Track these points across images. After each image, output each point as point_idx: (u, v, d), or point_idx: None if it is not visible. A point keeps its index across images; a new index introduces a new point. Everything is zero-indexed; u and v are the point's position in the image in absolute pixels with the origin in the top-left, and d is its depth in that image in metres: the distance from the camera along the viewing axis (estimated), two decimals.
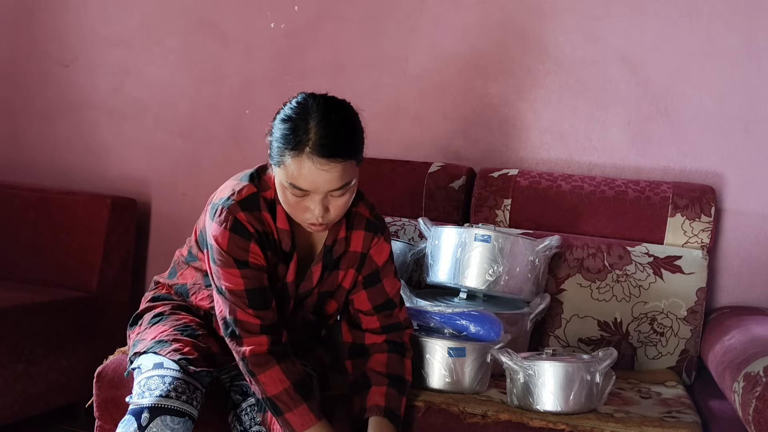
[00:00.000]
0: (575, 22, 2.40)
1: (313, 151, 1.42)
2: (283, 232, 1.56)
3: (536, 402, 1.61)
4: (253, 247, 1.52)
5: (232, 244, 1.51)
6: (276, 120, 1.49)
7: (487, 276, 1.94)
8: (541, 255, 1.99)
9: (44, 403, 2.45)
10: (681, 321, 2.08)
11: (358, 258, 1.64)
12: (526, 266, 1.97)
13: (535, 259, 1.98)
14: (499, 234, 1.96)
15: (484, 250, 1.95)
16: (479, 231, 1.97)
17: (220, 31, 2.75)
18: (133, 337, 1.72)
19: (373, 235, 1.64)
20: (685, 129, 2.32)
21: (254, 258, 1.53)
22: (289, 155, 1.43)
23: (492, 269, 1.94)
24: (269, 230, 1.56)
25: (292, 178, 1.44)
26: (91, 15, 2.90)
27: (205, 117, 2.79)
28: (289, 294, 1.62)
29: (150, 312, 1.73)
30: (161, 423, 1.44)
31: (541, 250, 1.98)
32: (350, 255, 1.63)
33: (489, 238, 1.95)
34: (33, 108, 2.99)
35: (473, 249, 1.96)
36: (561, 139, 2.42)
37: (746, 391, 1.49)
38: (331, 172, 1.43)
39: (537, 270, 1.99)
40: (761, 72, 2.25)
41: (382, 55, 2.58)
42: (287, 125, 1.45)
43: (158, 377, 1.51)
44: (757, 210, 2.26)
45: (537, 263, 1.99)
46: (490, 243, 1.95)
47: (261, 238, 1.53)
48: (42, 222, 2.68)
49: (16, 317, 2.32)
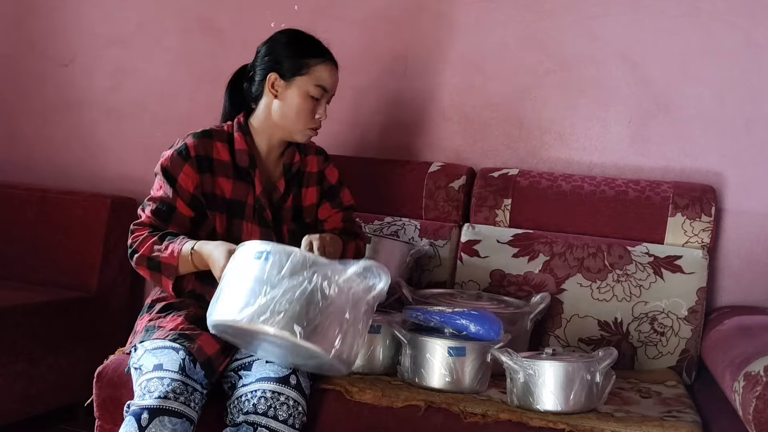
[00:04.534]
0: (575, 20, 2.39)
1: (331, 59, 1.88)
2: (241, 151, 1.85)
3: (536, 401, 1.60)
4: (186, 168, 1.78)
5: (172, 162, 1.79)
6: (284, 42, 1.87)
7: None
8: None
9: (44, 403, 2.44)
10: (681, 321, 2.08)
11: (316, 176, 1.98)
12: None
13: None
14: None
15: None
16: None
17: (218, 30, 2.75)
18: (144, 323, 1.75)
19: (324, 159, 2.01)
20: (686, 128, 2.31)
21: (184, 178, 1.78)
22: (315, 62, 1.85)
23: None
24: (219, 157, 1.83)
25: (321, 80, 1.85)
26: (90, 14, 2.90)
27: (204, 116, 2.76)
28: (262, 205, 1.85)
29: (161, 302, 1.79)
30: (159, 424, 1.48)
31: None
32: (309, 174, 1.97)
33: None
34: (31, 107, 2.99)
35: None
36: (561, 138, 2.42)
37: (746, 391, 1.49)
38: (337, 77, 1.90)
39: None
40: (762, 71, 2.25)
41: (382, 55, 2.58)
42: (308, 40, 1.89)
43: (157, 379, 1.55)
44: (757, 209, 2.25)
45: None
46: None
47: (201, 163, 1.80)
48: (41, 222, 2.68)
49: (15, 317, 2.31)
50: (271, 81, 1.86)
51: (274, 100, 1.86)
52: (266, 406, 1.57)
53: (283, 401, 1.58)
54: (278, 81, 1.85)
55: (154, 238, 1.72)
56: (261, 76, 1.88)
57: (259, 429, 1.55)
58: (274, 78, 1.85)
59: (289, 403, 1.58)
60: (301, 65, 1.84)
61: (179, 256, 1.67)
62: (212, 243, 1.67)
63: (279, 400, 1.58)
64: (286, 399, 1.58)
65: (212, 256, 1.63)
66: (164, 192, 1.78)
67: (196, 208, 1.80)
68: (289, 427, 1.57)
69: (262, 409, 1.57)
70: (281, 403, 1.57)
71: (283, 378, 1.61)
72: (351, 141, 2.57)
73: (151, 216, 1.77)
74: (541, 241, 2.21)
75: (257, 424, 1.55)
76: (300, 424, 1.59)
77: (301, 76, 1.84)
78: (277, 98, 1.86)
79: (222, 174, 1.83)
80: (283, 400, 1.58)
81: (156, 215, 1.77)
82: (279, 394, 1.58)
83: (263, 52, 1.90)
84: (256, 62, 1.91)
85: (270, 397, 1.57)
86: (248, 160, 1.85)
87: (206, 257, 1.65)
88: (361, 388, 1.68)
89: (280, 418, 1.56)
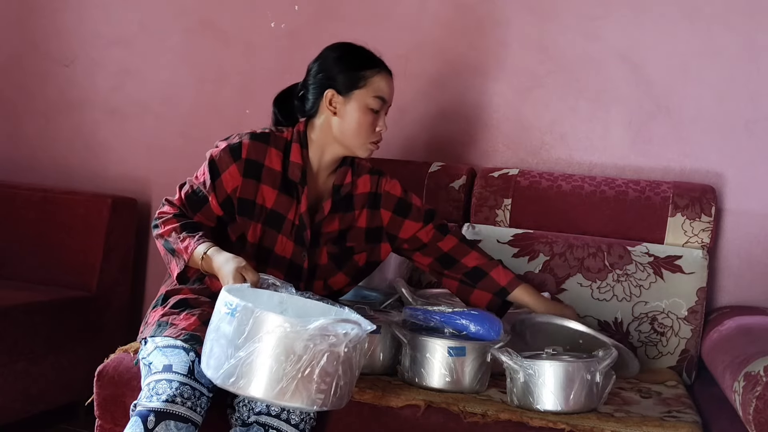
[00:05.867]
0: (575, 21, 2.40)
1: (386, 68, 1.83)
2: (295, 164, 1.79)
3: (536, 401, 1.60)
4: (232, 168, 1.75)
5: (221, 156, 1.76)
6: (328, 59, 1.82)
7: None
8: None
9: (44, 402, 2.45)
10: (681, 321, 2.08)
11: (368, 197, 1.89)
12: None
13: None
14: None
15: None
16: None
17: (220, 30, 2.76)
18: (157, 317, 1.73)
19: (379, 177, 1.91)
20: (686, 129, 2.32)
21: (227, 177, 1.75)
22: (371, 73, 1.79)
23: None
24: (271, 165, 1.77)
25: (379, 91, 1.79)
26: (92, 14, 2.90)
27: (206, 116, 2.79)
28: (305, 223, 1.80)
29: (176, 295, 1.77)
30: (165, 427, 1.47)
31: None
32: (360, 196, 1.88)
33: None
34: (34, 107, 2.99)
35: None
36: (561, 138, 2.42)
37: (746, 391, 1.49)
38: (393, 85, 1.83)
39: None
40: (762, 72, 2.25)
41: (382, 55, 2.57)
42: (358, 53, 1.83)
43: (166, 381, 1.54)
44: (757, 210, 2.26)
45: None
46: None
47: (249, 167, 1.75)
48: (42, 221, 2.68)
49: (16, 316, 2.32)
50: (328, 98, 1.79)
51: (333, 118, 1.79)
52: (279, 409, 1.55)
53: None
54: (336, 97, 1.78)
55: (176, 225, 1.70)
56: (315, 95, 1.81)
57: (270, 431, 1.54)
58: (331, 95, 1.78)
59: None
60: (358, 78, 1.78)
61: (191, 254, 1.66)
62: (224, 255, 1.62)
63: None
64: None
65: (222, 271, 1.60)
66: (204, 181, 1.77)
67: (227, 210, 1.77)
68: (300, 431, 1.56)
69: (275, 411, 1.55)
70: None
71: None
72: None
73: (183, 198, 1.76)
74: (541, 241, 2.21)
75: (269, 426, 1.54)
76: (310, 428, 1.58)
77: (359, 89, 1.78)
78: (336, 115, 1.79)
79: (268, 183, 1.78)
80: None
81: (188, 199, 1.76)
82: None
83: (315, 70, 1.83)
84: (308, 80, 1.84)
85: None
86: (300, 175, 1.79)
87: (216, 269, 1.62)
88: (361, 388, 1.68)
89: (292, 422, 1.55)
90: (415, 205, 1.92)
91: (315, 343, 1.39)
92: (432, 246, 1.92)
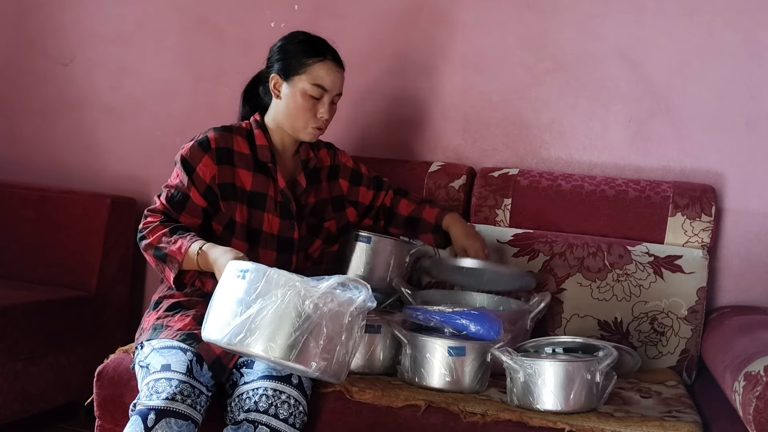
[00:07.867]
0: (575, 19, 2.39)
1: (332, 59, 1.90)
2: (262, 146, 1.90)
3: (536, 401, 1.60)
4: (205, 159, 1.81)
5: (191, 152, 1.82)
6: (286, 44, 1.92)
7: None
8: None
9: (44, 402, 2.45)
10: (681, 320, 2.08)
11: (329, 170, 2.05)
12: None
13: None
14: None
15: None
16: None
17: (218, 29, 2.75)
18: (152, 321, 1.74)
19: (335, 150, 2.09)
20: (686, 128, 2.31)
21: (202, 168, 1.81)
22: (313, 60, 1.87)
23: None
24: (240, 149, 1.87)
25: (318, 79, 1.87)
26: (90, 13, 2.90)
27: (204, 116, 2.77)
28: (288, 197, 1.90)
29: (169, 299, 1.79)
30: (166, 425, 1.48)
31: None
32: (324, 169, 2.04)
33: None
34: (31, 107, 2.99)
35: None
36: (561, 138, 2.42)
37: (747, 391, 1.49)
38: (340, 77, 1.91)
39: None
40: (762, 70, 2.24)
41: (381, 54, 2.58)
42: (308, 41, 1.92)
43: (165, 380, 1.55)
44: (757, 209, 2.25)
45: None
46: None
47: (221, 154, 1.84)
48: (41, 221, 2.68)
49: (15, 316, 2.31)
50: (273, 82, 1.91)
51: (278, 101, 1.92)
52: (267, 404, 1.57)
53: (284, 400, 1.58)
54: (279, 81, 1.91)
55: (165, 230, 1.73)
56: (267, 79, 1.94)
57: (259, 427, 1.55)
58: (275, 80, 1.91)
59: (290, 401, 1.58)
60: (299, 65, 1.88)
61: (186, 253, 1.68)
62: (220, 249, 1.66)
63: (280, 399, 1.58)
64: (288, 398, 1.59)
65: (218, 263, 1.63)
66: (180, 180, 1.81)
67: (210, 200, 1.82)
68: (290, 426, 1.57)
69: (263, 407, 1.57)
70: (282, 402, 1.58)
71: (285, 376, 1.61)
72: (351, 140, 2.56)
73: (165, 203, 1.80)
74: (541, 240, 2.21)
75: (258, 422, 1.55)
76: (300, 423, 1.59)
77: (298, 75, 1.88)
78: (279, 98, 1.91)
79: (242, 166, 1.87)
80: (284, 398, 1.58)
81: (170, 202, 1.80)
82: (280, 393, 1.59)
83: (269, 56, 1.96)
84: (266, 66, 1.97)
85: (271, 396, 1.58)
86: (269, 154, 1.90)
87: (212, 262, 1.65)
88: (361, 388, 1.68)
89: (280, 416, 1.57)
90: (364, 174, 2.11)
91: (324, 302, 1.45)
92: (393, 210, 2.12)
